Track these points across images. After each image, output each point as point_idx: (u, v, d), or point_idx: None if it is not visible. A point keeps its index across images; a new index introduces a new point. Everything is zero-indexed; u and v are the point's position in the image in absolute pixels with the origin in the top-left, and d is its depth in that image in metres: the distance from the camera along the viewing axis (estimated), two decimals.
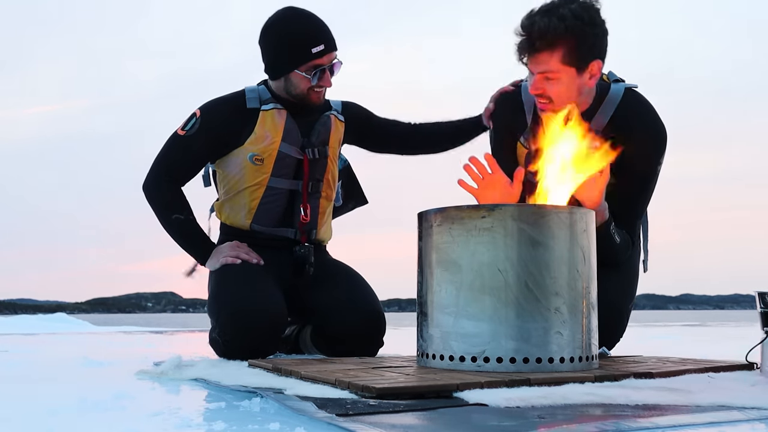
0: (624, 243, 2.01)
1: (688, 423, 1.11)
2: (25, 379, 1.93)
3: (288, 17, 2.33)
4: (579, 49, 1.88)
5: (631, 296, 2.18)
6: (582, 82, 1.93)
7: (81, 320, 10.98)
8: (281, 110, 2.34)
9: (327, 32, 2.31)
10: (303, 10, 2.34)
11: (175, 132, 2.34)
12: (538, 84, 1.93)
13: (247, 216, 2.37)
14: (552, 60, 1.88)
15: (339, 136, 2.46)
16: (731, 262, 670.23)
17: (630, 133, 1.98)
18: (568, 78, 1.90)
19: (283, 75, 2.32)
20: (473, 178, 1.95)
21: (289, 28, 2.31)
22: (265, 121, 2.32)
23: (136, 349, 3.00)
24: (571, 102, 1.93)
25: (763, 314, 1.72)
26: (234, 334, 2.14)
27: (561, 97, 1.92)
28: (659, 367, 1.71)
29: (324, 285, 2.37)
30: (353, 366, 1.70)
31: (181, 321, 26.16)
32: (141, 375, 1.85)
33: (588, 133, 1.83)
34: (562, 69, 1.88)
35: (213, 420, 1.15)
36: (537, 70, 1.91)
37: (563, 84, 1.90)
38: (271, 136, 2.31)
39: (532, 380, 1.43)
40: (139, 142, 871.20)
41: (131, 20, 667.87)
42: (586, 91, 1.98)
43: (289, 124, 2.33)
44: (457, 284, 1.63)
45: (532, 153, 1.96)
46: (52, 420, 1.21)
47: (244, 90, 2.38)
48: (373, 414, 1.15)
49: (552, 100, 1.94)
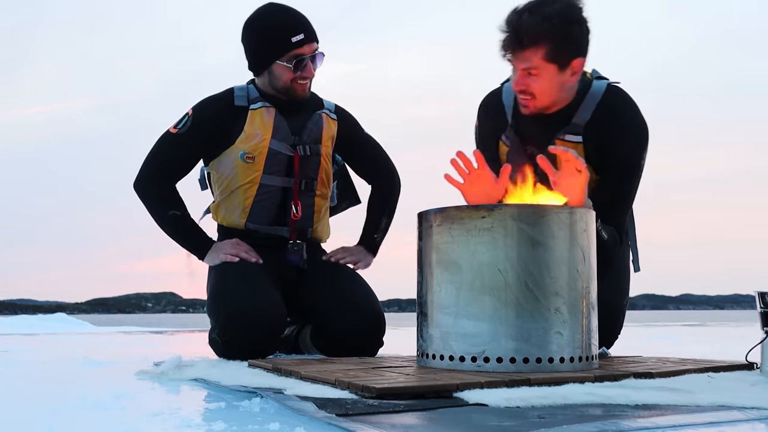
0: (612, 240, 2.03)
1: (688, 423, 1.11)
2: (25, 379, 1.93)
3: (267, 11, 2.35)
4: (562, 47, 1.92)
5: (626, 294, 2.18)
6: (564, 79, 1.97)
7: (81, 320, 10.98)
8: (270, 108, 2.35)
9: (307, 23, 2.33)
10: (282, 5, 2.36)
11: (167, 130, 2.37)
12: (522, 80, 1.96)
13: (242, 215, 2.38)
14: (536, 57, 1.91)
15: (332, 134, 2.46)
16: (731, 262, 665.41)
17: (612, 128, 2.01)
18: (549, 74, 1.93)
19: (266, 68, 2.33)
20: (459, 173, 1.97)
21: (269, 21, 2.33)
22: (254, 119, 2.33)
23: (136, 349, 3.00)
24: (552, 98, 1.99)
25: (763, 314, 1.72)
26: (233, 335, 2.14)
27: (543, 93, 1.96)
28: (659, 367, 1.71)
29: (323, 285, 2.37)
30: (353, 366, 1.70)
31: (181, 321, 26.16)
32: (141, 375, 1.85)
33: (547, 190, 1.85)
34: (545, 66, 1.92)
35: (213, 420, 1.15)
36: (521, 66, 1.94)
37: (545, 80, 1.94)
38: (261, 133, 2.33)
39: (532, 380, 1.43)
40: (139, 142, 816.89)
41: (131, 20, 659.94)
42: (568, 87, 2.01)
43: (279, 121, 2.35)
44: (457, 284, 1.63)
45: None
46: (52, 420, 1.21)
47: (233, 88, 2.39)
48: (373, 414, 1.15)
49: (535, 96, 1.97)
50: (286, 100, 2.36)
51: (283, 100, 2.36)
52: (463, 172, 1.97)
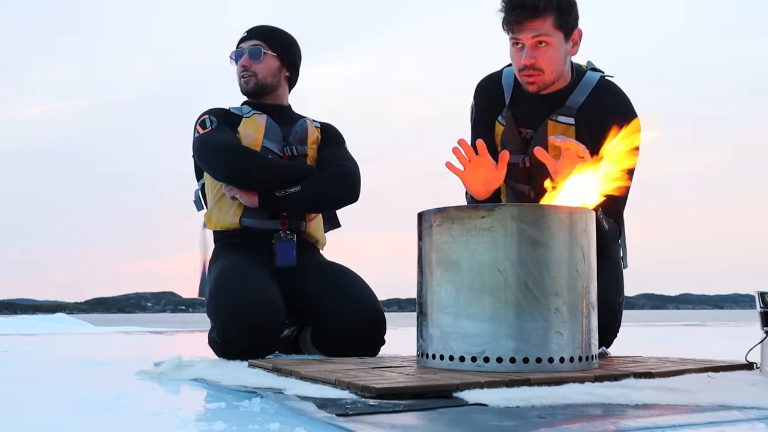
0: (612, 231, 2.04)
1: (687, 423, 1.11)
2: (25, 379, 1.93)
3: None
4: (567, 14, 2.00)
5: (621, 291, 2.18)
6: (567, 49, 2.04)
7: (81, 320, 10.98)
8: (262, 114, 2.48)
9: (259, 28, 2.55)
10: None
11: (199, 135, 2.41)
12: (531, 52, 1.99)
13: (237, 211, 2.41)
14: (545, 25, 1.96)
15: (315, 138, 2.55)
16: (731, 262, 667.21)
17: (603, 116, 2.04)
18: (558, 44, 1.99)
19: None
20: (460, 161, 2.00)
21: None
22: (247, 123, 2.46)
23: (136, 349, 3.00)
24: (559, 71, 2.03)
25: (763, 314, 1.72)
26: (233, 335, 2.14)
27: (551, 65, 2.01)
28: (659, 366, 1.71)
29: (323, 285, 2.37)
30: (353, 366, 1.70)
31: (181, 321, 26.16)
32: (141, 375, 1.85)
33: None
34: (555, 33, 1.98)
35: (213, 420, 1.15)
36: (530, 36, 1.98)
37: (555, 50, 1.99)
38: (254, 134, 2.43)
39: (532, 380, 1.43)
40: (139, 142, 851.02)
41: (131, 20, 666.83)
42: (568, 63, 2.07)
43: (270, 124, 2.46)
44: (457, 284, 1.63)
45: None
46: (52, 420, 1.21)
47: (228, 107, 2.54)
48: (373, 414, 1.15)
49: (543, 70, 2.01)
50: (271, 104, 2.52)
51: (268, 106, 2.51)
52: (464, 159, 1.99)
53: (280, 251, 2.40)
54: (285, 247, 2.41)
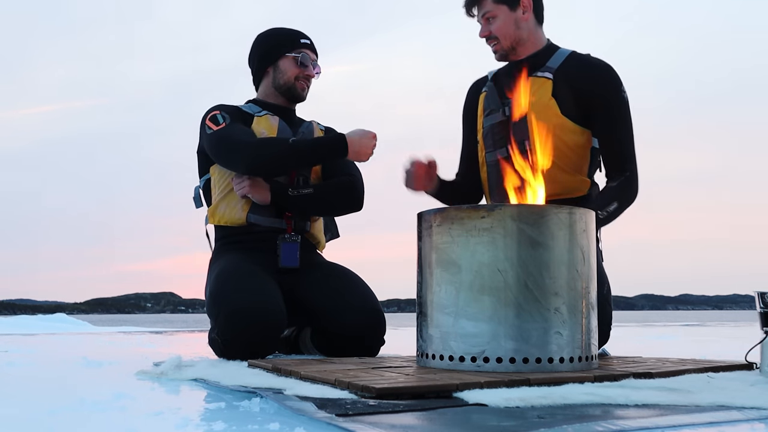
0: (606, 219, 2.11)
1: (687, 423, 1.11)
2: (25, 379, 1.93)
3: (276, 27, 2.58)
4: None
5: (606, 282, 2.16)
6: (517, 16, 2.26)
7: (80, 320, 10.98)
8: (273, 115, 2.49)
9: (312, 40, 2.56)
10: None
11: (213, 131, 2.37)
12: (484, 27, 2.30)
13: (244, 207, 2.41)
14: (488, 3, 2.27)
15: None
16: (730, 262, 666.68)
17: (582, 72, 2.20)
18: (504, 14, 2.27)
19: (272, 63, 2.50)
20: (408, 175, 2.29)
21: (279, 31, 2.55)
22: (260, 122, 2.46)
23: (136, 349, 3.00)
24: (513, 36, 2.27)
25: (763, 314, 1.72)
26: (233, 335, 2.14)
27: (503, 32, 2.27)
28: (659, 367, 1.71)
29: (323, 286, 2.38)
30: (353, 366, 1.70)
31: (180, 321, 26.16)
32: (141, 375, 1.85)
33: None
34: (497, 8, 2.27)
35: (213, 420, 1.15)
36: (480, 13, 2.31)
37: (501, 20, 2.27)
38: (266, 133, 2.43)
39: (531, 380, 1.43)
40: (139, 142, 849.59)
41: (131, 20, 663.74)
42: (524, 26, 2.27)
43: (282, 125, 2.47)
44: (457, 284, 1.63)
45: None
46: (52, 420, 1.21)
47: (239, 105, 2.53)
48: (373, 414, 1.15)
49: (498, 38, 2.28)
50: (284, 107, 2.52)
51: (281, 108, 2.51)
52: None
53: (284, 252, 2.41)
54: (289, 249, 2.41)
